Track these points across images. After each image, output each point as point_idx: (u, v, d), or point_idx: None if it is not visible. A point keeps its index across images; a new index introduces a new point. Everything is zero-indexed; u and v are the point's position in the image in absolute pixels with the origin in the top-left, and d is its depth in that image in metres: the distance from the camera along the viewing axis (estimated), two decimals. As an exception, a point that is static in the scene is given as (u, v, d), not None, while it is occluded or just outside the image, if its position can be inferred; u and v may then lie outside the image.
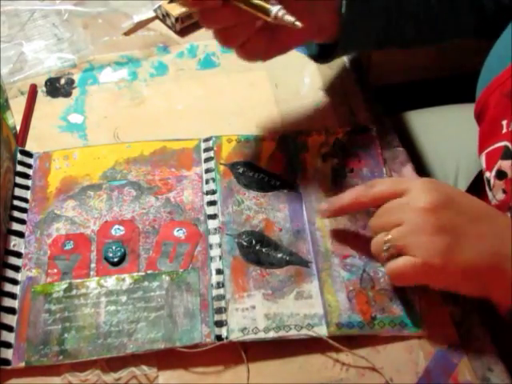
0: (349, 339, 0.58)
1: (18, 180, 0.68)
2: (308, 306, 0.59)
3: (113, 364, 0.57)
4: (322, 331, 0.58)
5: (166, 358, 0.57)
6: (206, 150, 0.70)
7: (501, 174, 0.62)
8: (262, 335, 0.58)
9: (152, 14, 0.87)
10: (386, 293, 0.60)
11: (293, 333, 0.58)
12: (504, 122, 0.61)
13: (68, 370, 0.57)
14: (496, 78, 0.62)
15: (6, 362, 0.57)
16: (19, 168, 0.68)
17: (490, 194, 0.64)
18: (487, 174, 0.64)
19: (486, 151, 0.64)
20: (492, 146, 0.63)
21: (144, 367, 0.57)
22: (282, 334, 0.58)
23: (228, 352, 0.57)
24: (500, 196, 0.62)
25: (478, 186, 0.69)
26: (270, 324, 0.58)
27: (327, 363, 0.57)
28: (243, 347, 0.57)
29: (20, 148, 0.70)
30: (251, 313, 0.59)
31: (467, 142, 0.69)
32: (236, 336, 0.58)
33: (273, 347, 0.58)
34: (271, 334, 0.58)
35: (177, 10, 0.85)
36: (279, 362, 0.57)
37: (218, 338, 0.58)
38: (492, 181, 0.63)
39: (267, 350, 0.58)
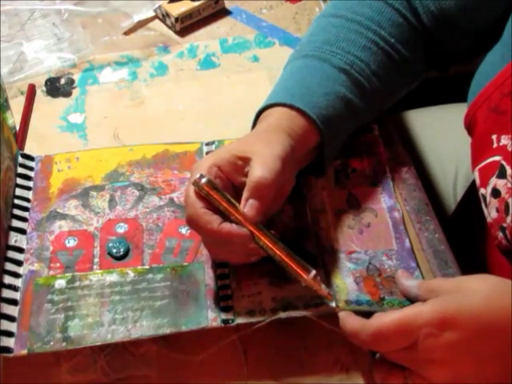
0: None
1: (20, 181, 0.67)
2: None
3: (113, 364, 0.57)
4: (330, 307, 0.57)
5: (166, 358, 0.57)
6: (209, 153, 0.70)
7: (496, 193, 0.62)
8: (269, 315, 0.57)
9: (152, 14, 0.87)
10: (394, 280, 0.60)
11: (301, 311, 0.57)
12: (494, 137, 0.61)
13: (68, 369, 0.57)
14: (481, 92, 0.62)
15: (8, 349, 0.56)
16: (20, 170, 0.68)
17: (485, 211, 0.63)
18: (482, 191, 0.64)
19: (478, 167, 0.64)
20: (484, 162, 0.63)
21: (144, 367, 0.57)
22: (290, 312, 0.57)
23: (228, 352, 0.57)
24: (494, 214, 0.62)
25: (474, 194, 0.69)
26: (277, 305, 0.57)
27: (327, 363, 0.57)
28: (243, 347, 0.58)
29: (21, 152, 0.70)
30: (258, 297, 0.58)
31: (467, 141, 0.69)
32: (243, 319, 0.57)
33: (273, 347, 0.58)
34: (279, 314, 0.56)
35: (177, 9, 0.85)
36: (279, 362, 0.57)
37: (225, 322, 0.57)
38: (488, 198, 0.63)
39: (267, 350, 0.58)
